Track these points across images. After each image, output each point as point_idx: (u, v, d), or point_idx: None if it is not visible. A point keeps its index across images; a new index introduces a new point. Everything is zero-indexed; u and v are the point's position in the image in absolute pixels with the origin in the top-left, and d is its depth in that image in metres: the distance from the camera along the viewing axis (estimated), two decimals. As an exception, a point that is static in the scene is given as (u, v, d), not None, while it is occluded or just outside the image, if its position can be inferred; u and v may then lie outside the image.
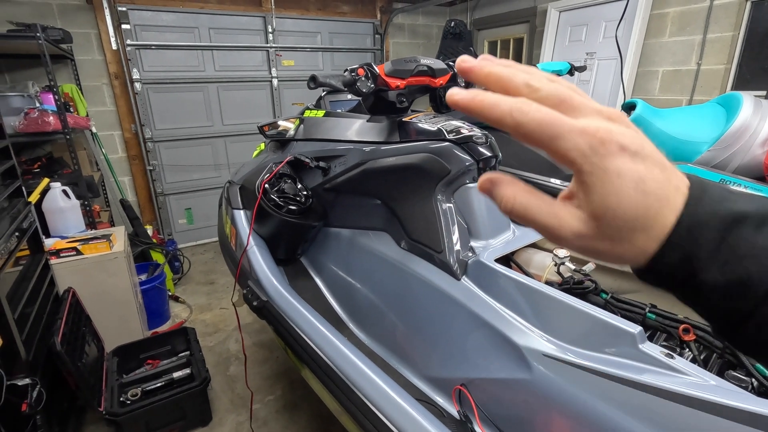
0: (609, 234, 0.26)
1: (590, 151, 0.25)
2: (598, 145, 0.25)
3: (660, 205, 0.25)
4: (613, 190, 0.25)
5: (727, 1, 2.73)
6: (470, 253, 1.07)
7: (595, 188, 0.25)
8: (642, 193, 0.25)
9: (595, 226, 0.26)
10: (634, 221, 0.25)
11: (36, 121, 2.34)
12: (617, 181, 0.25)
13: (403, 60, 1.20)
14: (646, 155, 0.26)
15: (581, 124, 0.25)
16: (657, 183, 0.25)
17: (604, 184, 0.25)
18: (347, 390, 0.91)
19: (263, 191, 1.33)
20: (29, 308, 1.47)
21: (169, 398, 1.72)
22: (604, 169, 0.25)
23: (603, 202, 0.25)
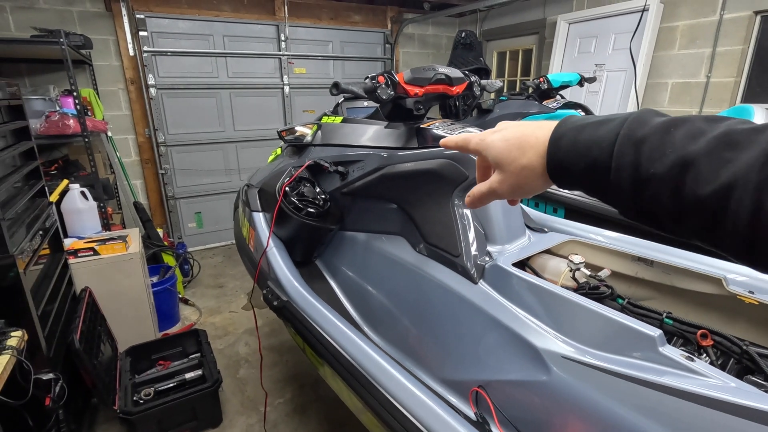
0: (507, 169, 0.45)
1: (481, 141, 0.49)
2: (483, 135, 0.49)
3: (520, 140, 0.44)
4: (493, 148, 0.47)
5: (736, 15, 2.76)
6: (487, 258, 1.09)
7: (489, 154, 0.47)
8: (505, 140, 0.46)
9: (500, 171, 0.46)
10: (509, 154, 0.45)
11: (57, 124, 2.39)
12: (493, 144, 0.47)
13: (422, 68, 1.23)
14: (508, 126, 0.47)
15: (477, 135, 0.51)
16: (514, 132, 0.45)
17: (489, 149, 0.47)
18: (369, 386, 0.93)
19: (283, 194, 1.36)
20: (50, 306, 1.50)
21: (182, 398, 1.74)
22: (487, 143, 0.48)
23: (493, 156, 0.47)
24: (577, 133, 0.39)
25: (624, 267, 1.19)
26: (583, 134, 0.39)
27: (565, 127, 0.41)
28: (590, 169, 0.38)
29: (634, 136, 0.35)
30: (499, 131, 0.47)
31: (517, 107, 2.66)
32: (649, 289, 1.16)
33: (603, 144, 0.37)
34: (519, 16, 4.30)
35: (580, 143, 0.39)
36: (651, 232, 1.89)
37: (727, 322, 1.01)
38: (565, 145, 0.40)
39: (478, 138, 0.49)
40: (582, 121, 0.40)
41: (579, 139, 0.39)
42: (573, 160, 0.39)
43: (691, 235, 0.34)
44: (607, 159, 0.36)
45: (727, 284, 0.97)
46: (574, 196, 2.38)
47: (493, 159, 0.46)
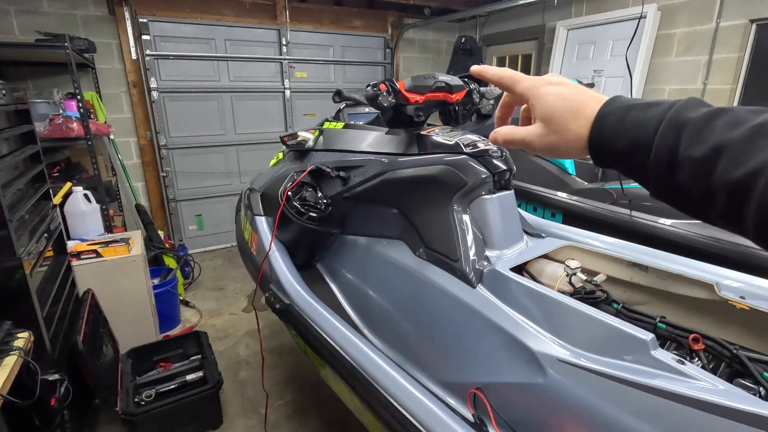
0: (554, 128, 0.45)
1: (532, 87, 0.47)
2: (535, 82, 0.48)
3: (577, 104, 0.43)
4: (546, 101, 0.45)
5: (732, 23, 2.80)
6: (485, 262, 1.11)
7: (538, 104, 0.46)
8: (562, 98, 0.44)
9: (545, 125, 0.45)
10: (562, 114, 0.44)
11: (60, 127, 2.42)
12: (547, 97, 0.45)
13: (422, 76, 1.25)
14: (565, 83, 0.46)
15: (527, 80, 0.49)
16: (572, 93, 0.45)
17: (541, 100, 0.46)
18: (370, 387, 0.95)
19: (286, 198, 1.38)
20: (54, 307, 1.52)
21: (183, 400, 1.75)
22: (540, 93, 0.46)
23: (543, 109, 0.45)
24: (624, 113, 0.40)
25: (619, 272, 1.21)
26: (630, 115, 0.40)
27: (613, 106, 0.42)
28: (631, 148, 0.39)
29: (679, 120, 0.37)
30: (554, 84, 0.46)
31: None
32: (644, 294, 1.18)
33: (648, 126, 0.38)
34: (518, 21, 4.35)
35: (626, 123, 0.40)
36: (646, 238, 1.93)
37: (720, 327, 1.03)
38: (610, 123, 0.41)
39: (528, 83, 0.48)
40: (629, 102, 0.41)
41: (626, 118, 0.40)
42: (616, 137, 0.40)
43: (717, 217, 0.36)
44: (650, 140, 0.38)
45: (719, 290, 0.99)
46: (572, 201, 2.41)
47: (544, 113, 0.45)
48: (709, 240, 1.75)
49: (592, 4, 3.62)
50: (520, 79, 0.49)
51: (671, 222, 1.94)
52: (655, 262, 1.14)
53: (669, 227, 1.92)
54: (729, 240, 1.69)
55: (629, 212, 2.07)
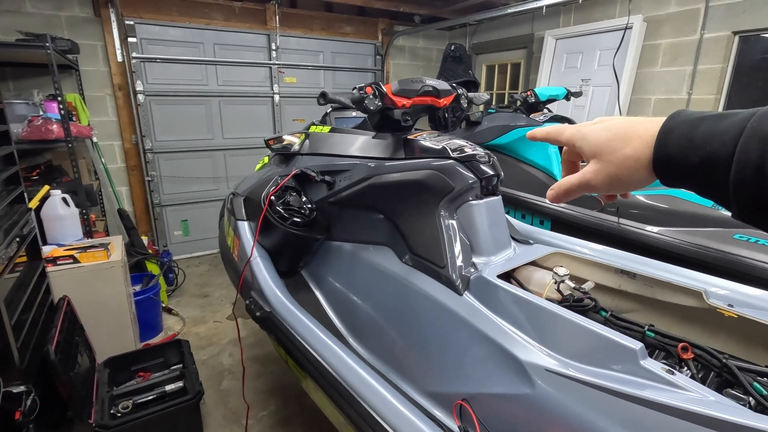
0: (608, 160, 0.43)
1: (576, 131, 0.48)
2: (579, 127, 0.48)
3: (624, 130, 0.42)
4: (590, 138, 0.45)
5: (716, 35, 2.85)
6: (472, 269, 1.09)
7: (584, 144, 0.46)
8: (608, 130, 0.44)
9: (598, 161, 0.44)
10: (609, 144, 0.43)
11: (39, 129, 2.35)
12: (590, 134, 0.46)
13: (409, 80, 1.24)
14: (609, 119, 0.46)
15: (571, 127, 0.50)
16: (615, 123, 0.44)
17: (588, 138, 0.46)
18: (352, 400, 0.91)
19: (269, 203, 1.35)
20: (25, 315, 1.45)
21: (161, 412, 1.69)
22: (585, 133, 0.46)
23: (589, 146, 0.45)
24: (693, 126, 0.37)
25: (608, 279, 1.19)
26: (701, 127, 0.36)
27: (678, 119, 0.39)
28: (705, 164, 0.35)
29: (763, 132, 0.33)
30: (598, 123, 0.46)
31: (505, 120, 2.70)
32: (632, 302, 1.17)
33: (725, 138, 0.34)
34: (508, 30, 4.39)
35: (696, 136, 0.36)
36: (634, 245, 1.92)
37: (708, 335, 1.02)
38: (677, 138, 0.38)
39: (572, 129, 0.48)
40: (696, 115, 0.38)
41: (695, 132, 0.36)
42: (686, 153, 0.37)
43: None
44: (728, 155, 0.34)
45: (708, 297, 0.98)
46: (559, 208, 2.41)
47: (591, 149, 0.44)
48: (697, 247, 1.75)
49: (579, 14, 3.67)
50: (561, 129, 0.50)
51: (658, 229, 1.94)
52: (643, 269, 1.13)
53: (656, 234, 1.93)
54: (716, 248, 1.69)
55: (617, 219, 2.07)
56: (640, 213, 2.01)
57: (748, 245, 1.62)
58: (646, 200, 2.01)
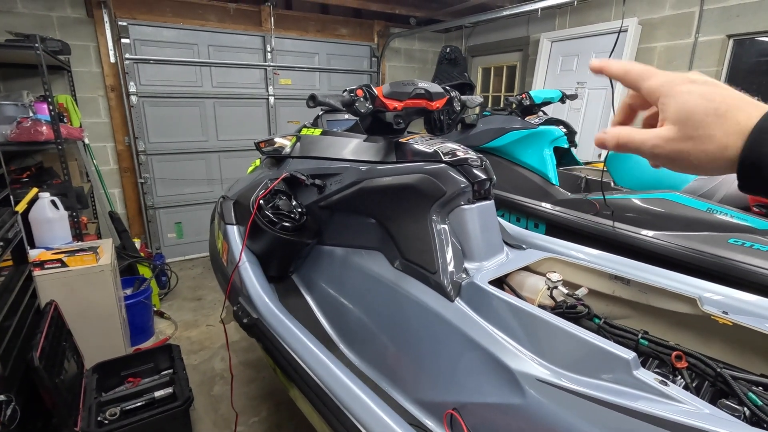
0: (690, 133, 0.35)
1: (667, 83, 0.38)
2: (673, 78, 0.39)
3: (727, 107, 0.34)
4: (685, 100, 0.36)
5: (710, 38, 2.86)
6: (464, 275, 1.07)
7: (672, 102, 0.37)
8: (707, 99, 0.35)
9: (678, 129, 0.36)
10: (704, 118, 0.35)
11: (28, 131, 2.32)
12: (687, 96, 0.36)
13: (401, 83, 1.22)
14: (711, 82, 0.37)
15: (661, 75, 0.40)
16: (720, 95, 0.35)
17: (678, 98, 0.37)
18: (338, 412, 0.89)
19: (258, 207, 1.32)
20: (8, 321, 1.42)
21: (149, 418, 1.65)
22: (677, 91, 0.37)
23: (679, 109, 0.36)
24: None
25: (601, 285, 1.18)
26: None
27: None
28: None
29: None
30: (697, 83, 0.37)
31: (500, 123, 2.68)
32: (626, 308, 1.15)
33: None
34: (503, 33, 4.39)
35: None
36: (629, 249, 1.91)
37: (703, 342, 1.00)
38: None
39: (663, 78, 0.39)
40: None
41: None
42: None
43: None
44: None
45: (702, 304, 0.97)
46: (554, 211, 2.40)
47: (677, 113, 0.36)
48: (691, 252, 1.74)
49: (575, 17, 3.67)
50: (652, 73, 0.40)
51: (653, 234, 1.93)
52: (637, 274, 1.11)
53: (651, 239, 1.91)
54: (711, 252, 1.68)
55: (612, 223, 2.06)
56: (636, 217, 2.00)
57: (743, 250, 1.61)
58: (642, 204, 2.00)
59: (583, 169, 2.63)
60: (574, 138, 2.71)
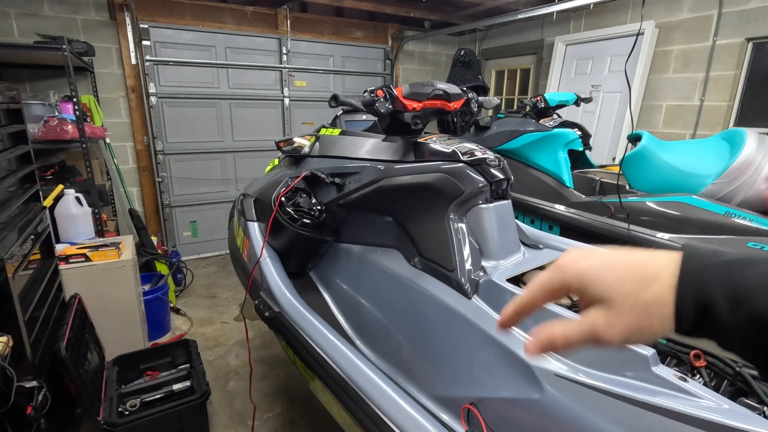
0: (623, 306, 0.33)
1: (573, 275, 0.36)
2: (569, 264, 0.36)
3: (634, 267, 0.33)
4: (597, 278, 0.34)
5: (729, 41, 2.83)
6: (481, 273, 1.08)
7: (589, 286, 0.34)
8: (610, 268, 0.34)
9: (611, 307, 0.33)
10: (623, 284, 0.33)
11: (55, 129, 2.39)
12: (591, 272, 0.34)
13: (420, 84, 1.24)
14: (592, 252, 0.35)
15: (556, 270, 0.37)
16: (618, 260, 0.34)
17: (592, 280, 0.34)
18: (360, 402, 0.91)
19: (279, 204, 1.36)
20: (37, 312, 1.47)
21: (168, 410, 1.69)
22: (583, 271, 0.35)
23: (601, 289, 0.34)
24: (731, 269, 0.30)
25: (618, 285, 1.18)
26: (746, 272, 0.29)
27: (705, 260, 0.31)
28: (754, 323, 0.28)
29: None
30: (586, 257, 0.35)
31: (514, 125, 2.69)
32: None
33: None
34: (517, 36, 4.39)
35: (746, 285, 0.28)
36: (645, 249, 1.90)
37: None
38: (720, 286, 0.29)
39: (561, 273, 0.36)
40: (726, 256, 0.31)
41: (743, 277, 0.29)
42: (732, 306, 0.29)
43: None
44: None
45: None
46: (569, 214, 2.40)
47: (600, 293, 0.33)
48: (708, 255, 1.73)
49: (590, 20, 3.66)
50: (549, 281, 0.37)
51: (669, 236, 1.92)
52: (654, 275, 1.11)
53: (667, 241, 1.91)
54: (728, 255, 1.67)
55: (627, 226, 2.05)
56: (651, 220, 1.99)
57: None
58: (658, 207, 1.99)
59: (598, 172, 2.63)
60: (589, 141, 2.71)
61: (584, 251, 0.37)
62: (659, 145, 2.19)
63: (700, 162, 2.02)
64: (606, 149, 3.62)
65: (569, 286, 0.35)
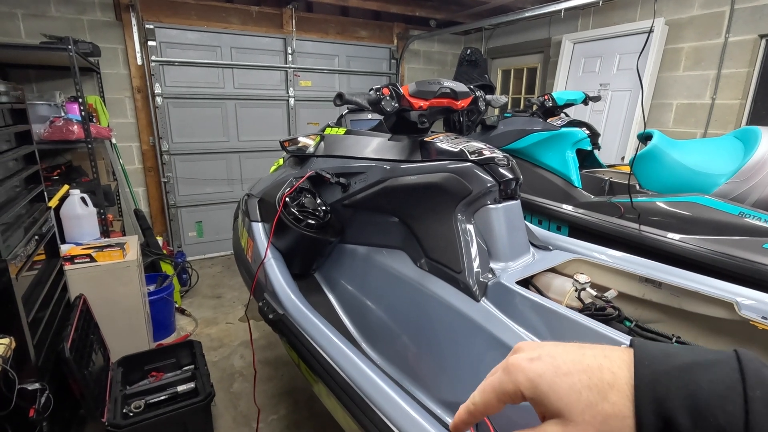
0: (582, 420, 0.29)
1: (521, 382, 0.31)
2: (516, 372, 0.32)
3: (589, 377, 0.30)
4: (551, 390, 0.30)
5: (741, 38, 2.78)
6: (490, 275, 1.06)
7: (546, 398, 0.30)
8: (563, 375, 0.30)
9: (568, 421, 0.30)
10: (578, 395, 0.29)
11: (60, 130, 2.39)
12: (546, 382, 0.30)
13: (427, 82, 1.22)
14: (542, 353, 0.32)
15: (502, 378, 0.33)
16: (570, 365, 0.31)
17: (545, 389, 0.30)
18: (364, 406, 0.89)
19: (283, 204, 1.34)
20: (42, 313, 1.47)
21: (173, 412, 1.68)
22: (531, 378, 0.31)
23: (554, 402, 0.30)
24: (682, 375, 0.28)
25: (631, 288, 1.15)
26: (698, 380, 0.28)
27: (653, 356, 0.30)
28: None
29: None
30: (538, 358, 0.32)
31: (521, 124, 2.66)
32: (657, 312, 1.12)
33: (728, 407, 0.27)
34: (524, 35, 4.35)
35: (700, 399, 0.27)
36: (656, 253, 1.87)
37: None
38: (674, 397, 0.27)
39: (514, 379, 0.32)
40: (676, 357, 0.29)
41: (693, 386, 0.27)
42: (691, 422, 0.27)
43: None
44: (738, 429, 0.26)
45: (739, 309, 0.94)
46: (578, 214, 2.36)
47: (555, 406, 0.30)
48: (723, 256, 1.69)
49: (598, 18, 3.61)
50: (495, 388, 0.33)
51: (681, 237, 1.88)
52: (668, 278, 1.08)
53: (679, 242, 1.87)
54: (744, 257, 1.63)
55: (638, 226, 2.01)
56: (663, 220, 1.95)
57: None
58: (669, 207, 1.95)
59: (607, 172, 2.59)
60: (597, 140, 2.67)
61: (533, 349, 0.33)
62: (670, 144, 2.15)
63: (712, 161, 1.98)
64: (615, 148, 3.58)
65: (524, 394, 0.32)
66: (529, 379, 0.31)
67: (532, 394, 0.31)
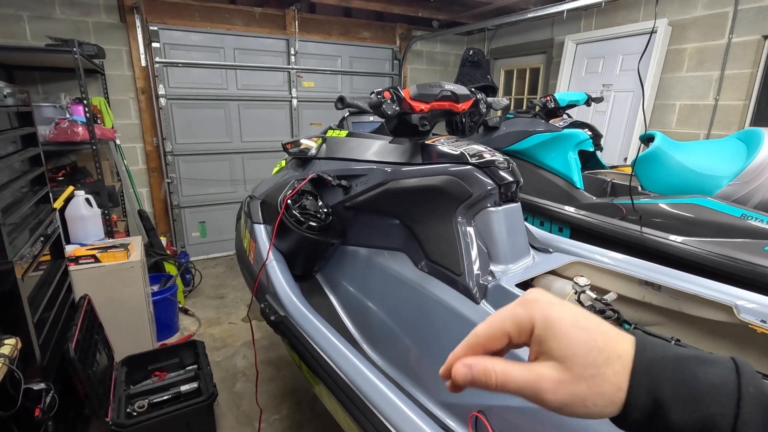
0: (581, 373, 0.30)
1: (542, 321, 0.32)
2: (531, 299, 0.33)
3: (604, 339, 0.30)
4: (564, 334, 0.31)
5: (745, 39, 2.76)
6: (490, 277, 1.06)
7: (551, 335, 0.31)
8: (582, 329, 0.31)
9: (566, 368, 0.30)
10: (588, 351, 0.30)
11: (66, 131, 2.42)
12: (562, 326, 0.31)
13: (427, 85, 1.23)
14: (567, 309, 0.32)
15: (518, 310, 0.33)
16: (593, 326, 0.31)
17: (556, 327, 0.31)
18: (365, 408, 0.90)
19: (285, 206, 1.35)
20: (47, 313, 1.48)
21: (176, 412, 1.70)
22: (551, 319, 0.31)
23: (562, 345, 0.31)
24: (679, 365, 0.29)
25: (630, 291, 1.16)
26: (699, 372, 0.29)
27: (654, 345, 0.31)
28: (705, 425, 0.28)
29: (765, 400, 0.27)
30: (558, 304, 0.32)
31: (523, 125, 2.66)
32: (657, 315, 1.12)
33: (721, 398, 0.28)
34: (527, 35, 4.34)
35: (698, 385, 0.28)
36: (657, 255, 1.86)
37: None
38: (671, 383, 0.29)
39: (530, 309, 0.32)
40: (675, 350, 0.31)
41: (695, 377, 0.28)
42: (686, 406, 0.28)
43: None
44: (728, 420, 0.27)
45: (738, 312, 0.94)
46: (579, 216, 2.36)
47: (561, 350, 0.31)
48: (724, 259, 1.69)
49: (601, 19, 3.61)
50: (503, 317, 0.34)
51: (683, 239, 1.88)
52: (668, 281, 1.09)
53: (680, 244, 1.86)
54: (745, 260, 1.63)
55: (639, 228, 2.01)
56: (664, 222, 1.95)
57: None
58: (671, 209, 1.95)
59: (609, 173, 2.58)
60: (600, 141, 2.67)
61: (553, 297, 0.33)
62: (673, 145, 2.14)
63: (715, 163, 1.97)
64: (617, 150, 3.57)
65: (533, 327, 0.32)
66: (547, 317, 0.31)
67: (543, 332, 0.31)
